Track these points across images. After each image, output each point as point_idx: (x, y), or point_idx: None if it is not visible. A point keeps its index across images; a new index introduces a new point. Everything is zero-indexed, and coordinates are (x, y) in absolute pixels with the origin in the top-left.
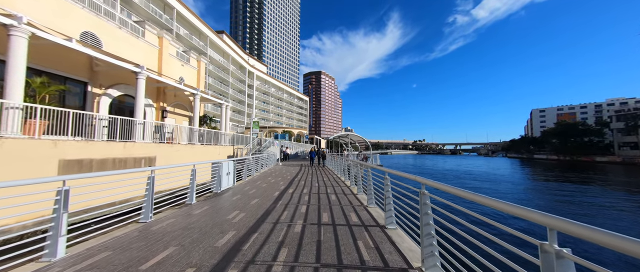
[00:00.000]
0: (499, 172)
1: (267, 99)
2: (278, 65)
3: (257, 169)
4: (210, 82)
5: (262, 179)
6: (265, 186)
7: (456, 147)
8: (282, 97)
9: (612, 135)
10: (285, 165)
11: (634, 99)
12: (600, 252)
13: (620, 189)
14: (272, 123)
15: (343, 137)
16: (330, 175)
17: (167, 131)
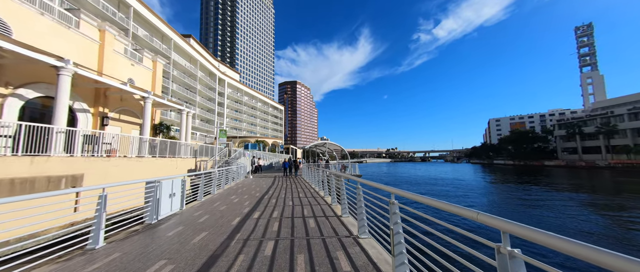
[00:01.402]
0: (465, 178)
1: (240, 107)
2: (252, 74)
3: (223, 183)
4: (174, 88)
5: (224, 198)
6: (225, 208)
7: (425, 155)
8: (256, 106)
9: (556, 141)
10: (256, 178)
11: (569, 110)
12: (552, 253)
13: (565, 190)
14: (245, 133)
15: (320, 146)
16: (305, 187)
17: (105, 142)
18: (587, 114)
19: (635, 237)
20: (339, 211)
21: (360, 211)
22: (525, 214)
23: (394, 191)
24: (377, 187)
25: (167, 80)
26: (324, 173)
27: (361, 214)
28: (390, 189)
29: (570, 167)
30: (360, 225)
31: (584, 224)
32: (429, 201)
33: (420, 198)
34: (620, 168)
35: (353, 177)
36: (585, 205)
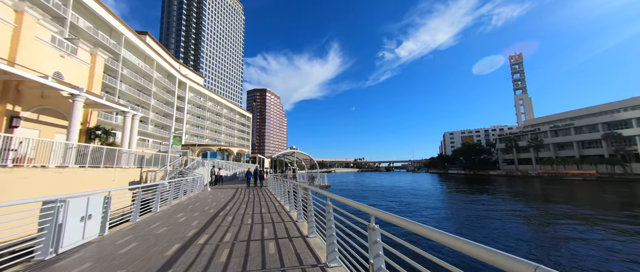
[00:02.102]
0: (425, 188)
1: (203, 113)
2: (219, 79)
3: (171, 198)
4: (123, 89)
5: (168, 216)
6: (165, 230)
7: (390, 165)
8: (221, 112)
9: (497, 153)
10: (216, 190)
11: (507, 126)
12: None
13: (505, 198)
14: (207, 140)
15: (288, 156)
16: (269, 200)
17: (12, 148)
18: (520, 130)
19: (553, 235)
20: (305, 229)
21: (330, 233)
22: (478, 222)
23: (374, 213)
24: (352, 205)
25: (115, 79)
26: (290, 184)
27: (331, 236)
28: (368, 210)
29: (509, 176)
30: (329, 250)
31: (511, 225)
32: (422, 229)
33: (417, 227)
34: (546, 177)
35: (322, 191)
36: (518, 209)
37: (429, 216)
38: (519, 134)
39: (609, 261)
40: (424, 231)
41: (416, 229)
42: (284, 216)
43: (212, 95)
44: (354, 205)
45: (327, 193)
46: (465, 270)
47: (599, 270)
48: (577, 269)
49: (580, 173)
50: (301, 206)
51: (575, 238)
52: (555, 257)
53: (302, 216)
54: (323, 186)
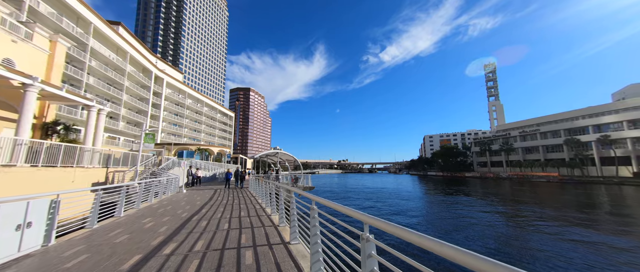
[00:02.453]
0: (407, 189)
1: (182, 111)
2: (200, 76)
3: (139, 201)
4: (91, 82)
5: (133, 221)
6: (126, 238)
7: (372, 166)
8: (201, 110)
9: (472, 156)
10: (192, 191)
11: (481, 131)
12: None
13: (478, 197)
14: (186, 139)
15: (271, 156)
16: (250, 203)
17: None
18: (493, 134)
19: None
20: (287, 234)
21: (315, 240)
22: (456, 222)
23: (369, 221)
24: (341, 211)
25: (82, 71)
26: (272, 186)
27: (316, 244)
28: (361, 217)
29: (482, 178)
30: (313, 260)
31: (482, 221)
32: (442, 248)
33: (426, 241)
34: (515, 179)
35: (306, 194)
36: (489, 207)
37: (413, 217)
38: (491, 138)
39: (561, 253)
40: (434, 246)
41: (425, 244)
42: (264, 219)
43: (191, 93)
44: (343, 210)
45: (311, 196)
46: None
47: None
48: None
49: (544, 175)
50: (283, 209)
51: (537, 232)
52: (522, 252)
53: (284, 220)
54: (307, 188)
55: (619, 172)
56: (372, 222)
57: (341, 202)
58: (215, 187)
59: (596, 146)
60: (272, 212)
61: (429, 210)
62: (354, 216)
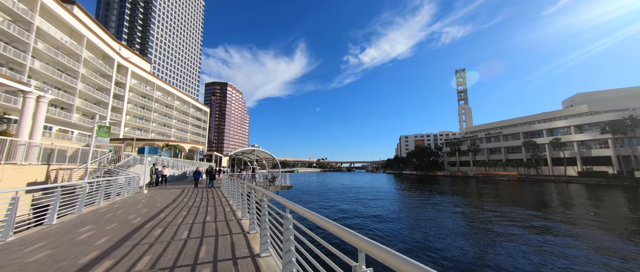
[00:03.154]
0: (382, 188)
1: (149, 104)
2: (171, 68)
3: (81, 205)
4: (37, 67)
5: (66, 231)
6: (43, 256)
7: (351, 165)
8: (172, 104)
9: (444, 156)
10: (156, 191)
11: (451, 132)
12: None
13: (447, 194)
14: (154, 135)
15: (247, 154)
16: (219, 204)
17: None
18: (462, 135)
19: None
20: (257, 244)
21: (288, 258)
22: (424, 213)
23: (366, 248)
24: (326, 227)
25: (24, 54)
26: (243, 185)
27: (290, 263)
28: (356, 241)
29: (452, 176)
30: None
31: (453, 215)
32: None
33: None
34: (481, 177)
35: (281, 200)
36: (457, 203)
37: (388, 217)
38: (461, 139)
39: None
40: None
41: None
42: (233, 225)
43: (161, 84)
44: (329, 227)
45: (286, 201)
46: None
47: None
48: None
49: (505, 174)
50: (255, 212)
51: (495, 226)
52: (481, 245)
53: (255, 226)
54: (285, 187)
55: (566, 172)
56: (366, 248)
57: (320, 202)
58: (183, 187)
59: (549, 147)
60: (243, 216)
61: (403, 209)
62: (345, 238)
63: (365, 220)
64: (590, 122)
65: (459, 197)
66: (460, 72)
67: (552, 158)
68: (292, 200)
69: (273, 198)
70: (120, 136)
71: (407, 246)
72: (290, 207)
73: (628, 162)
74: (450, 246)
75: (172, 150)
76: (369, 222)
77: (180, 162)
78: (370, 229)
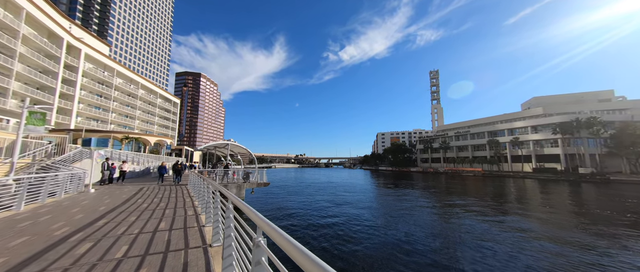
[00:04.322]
0: (358, 183)
1: (108, 91)
2: (136, 54)
3: (8, 206)
4: None
5: None
6: None
7: (329, 161)
8: (136, 93)
9: (417, 153)
10: (107, 190)
11: (425, 130)
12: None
13: (419, 188)
14: (114, 126)
15: (221, 148)
16: (181, 206)
17: None
18: (434, 134)
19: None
20: (219, 261)
21: None
22: (395, 206)
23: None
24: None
25: None
26: (208, 186)
27: None
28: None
29: (424, 172)
30: None
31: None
32: None
33: None
34: (450, 173)
35: (248, 211)
36: (427, 197)
37: (362, 214)
38: (433, 137)
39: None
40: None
41: None
42: (193, 235)
43: (123, 71)
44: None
45: (257, 216)
46: None
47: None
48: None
49: (471, 170)
50: (220, 221)
51: (458, 217)
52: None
53: (220, 237)
54: (261, 184)
55: (523, 168)
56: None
57: (298, 199)
58: (143, 185)
59: (509, 146)
60: (207, 222)
61: (377, 204)
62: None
63: (341, 218)
64: (543, 123)
65: (428, 192)
66: (433, 73)
67: (511, 155)
68: (269, 198)
69: (235, 203)
70: (71, 126)
71: (379, 239)
72: (263, 228)
73: (573, 160)
74: (418, 241)
75: (135, 143)
76: (344, 219)
77: (144, 157)
78: (348, 227)
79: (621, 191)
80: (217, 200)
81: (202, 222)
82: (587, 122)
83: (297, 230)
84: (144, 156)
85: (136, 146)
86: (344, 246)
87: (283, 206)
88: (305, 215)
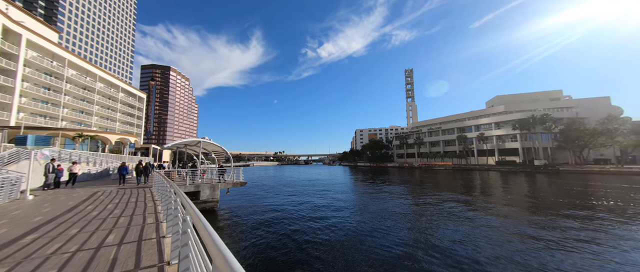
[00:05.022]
0: (337, 180)
1: (58, 84)
2: (93, 43)
3: None
4: None
5: None
6: None
7: (308, 158)
8: (93, 86)
9: (393, 149)
10: (51, 195)
11: (400, 127)
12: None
13: (395, 183)
14: (65, 123)
15: (192, 146)
16: (140, 213)
17: None
18: (409, 130)
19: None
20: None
21: None
22: (374, 202)
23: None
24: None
25: None
26: (171, 189)
27: None
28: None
29: (400, 167)
30: None
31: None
32: None
33: None
34: (423, 167)
35: (206, 234)
36: (404, 190)
37: (342, 213)
38: (408, 133)
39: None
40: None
41: None
42: (147, 250)
43: (76, 61)
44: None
45: (216, 248)
46: None
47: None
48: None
49: (443, 164)
50: (179, 232)
51: (429, 206)
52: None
53: (182, 255)
54: (237, 183)
55: (488, 161)
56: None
57: (276, 198)
58: (98, 188)
59: (475, 141)
60: (168, 232)
61: (358, 200)
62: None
63: (319, 221)
64: (505, 120)
65: (403, 186)
66: (408, 72)
67: (478, 150)
68: (245, 198)
69: (194, 217)
70: (10, 123)
71: (357, 230)
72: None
73: (529, 153)
74: (397, 237)
75: (91, 142)
76: (322, 218)
77: (102, 157)
78: (325, 227)
79: (568, 180)
80: (178, 207)
81: (162, 232)
82: (541, 118)
83: (273, 232)
84: (102, 155)
85: (94, 144)
86: (318, 249)
87: (260, 205)
88: (283, 217)
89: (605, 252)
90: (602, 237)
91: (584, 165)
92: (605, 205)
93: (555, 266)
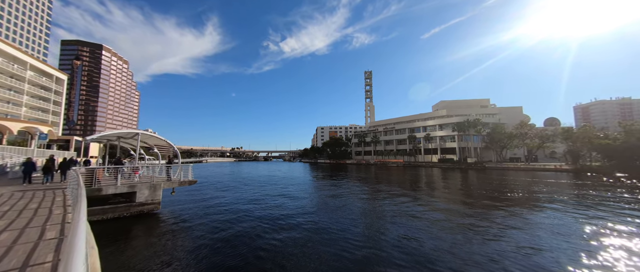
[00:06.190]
0: (297, 176)
1: None
2: None
3: None
4: None
5: None
6: None
7: (268, 155)
8: None
9: (352, 146)
10: None
11: (359, 125)
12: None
13: (353, 179)
14: None
15: (127, 138)
16: (37, 229)
17: None
18: (367, 129)
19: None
20: None
21: None
22: (333, 200)
23: None
24: None
25: None
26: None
27: None
28: None
29: (358, 164)
30: None
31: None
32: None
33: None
34: (379, 164)
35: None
36: (359, 185)
37: (299, 206)
38: (366, 132)
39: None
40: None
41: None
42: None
43: None
44: None
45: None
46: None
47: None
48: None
49: (395, 162)
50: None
51: (380, 200)
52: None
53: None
54: (185, 182)
55: (432, 159)
56: None
57: (228, 196)
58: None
59: (423, 141)
60: None
61: (315, 195)
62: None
63: (275, 220)
64: (446, 122)
65: (360, 183)
66: (368, 74)
67: (424, 148)
68: (192, 199)
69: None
70: None
71: (315, 222)
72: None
73: (464, 152)
74: (353, 230)
75: None
76: (278, 216)
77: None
78: (283, 223)
79: (492, 175)
80: (79, 208)
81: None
82: (473, 122)
83: (224, 237)
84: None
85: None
86: (274, 252)
87: (211, 206)
88: (236, 218)
89: (521, 235)
90: (519, 223)
91: (502, 162)
92: (517, 197)
93: (484, 252)
